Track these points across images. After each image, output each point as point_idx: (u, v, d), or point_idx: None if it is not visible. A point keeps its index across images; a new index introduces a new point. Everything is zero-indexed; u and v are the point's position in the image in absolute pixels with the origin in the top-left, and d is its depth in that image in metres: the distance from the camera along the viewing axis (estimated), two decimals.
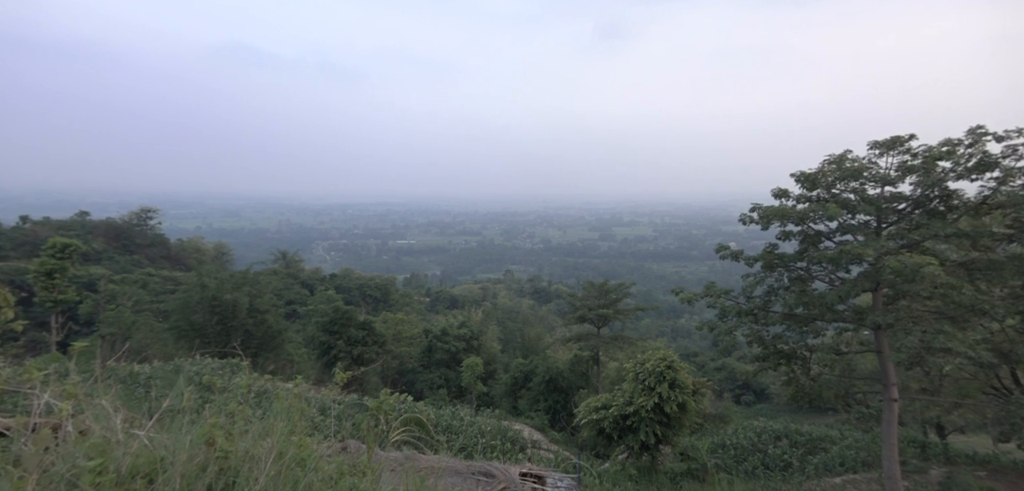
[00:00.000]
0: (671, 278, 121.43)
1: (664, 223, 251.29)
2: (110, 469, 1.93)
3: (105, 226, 57.56)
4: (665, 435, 12.58)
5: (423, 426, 5.89)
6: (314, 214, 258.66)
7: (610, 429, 12.60)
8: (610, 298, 26.66)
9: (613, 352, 26.10)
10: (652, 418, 12.21)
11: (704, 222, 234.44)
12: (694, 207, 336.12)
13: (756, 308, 12.05)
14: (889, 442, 10.87)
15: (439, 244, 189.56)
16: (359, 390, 21.97)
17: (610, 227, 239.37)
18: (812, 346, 12.32)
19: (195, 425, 2.42)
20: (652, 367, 12.61)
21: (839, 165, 11.26)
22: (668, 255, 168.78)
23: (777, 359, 12.21)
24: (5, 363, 3.36)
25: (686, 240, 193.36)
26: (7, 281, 20.69)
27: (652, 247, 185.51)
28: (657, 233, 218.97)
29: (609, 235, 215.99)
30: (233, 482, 2.22)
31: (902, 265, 9.14)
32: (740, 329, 12.27)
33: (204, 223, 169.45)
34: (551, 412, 23.84)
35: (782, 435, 14.93)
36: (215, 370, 11.94)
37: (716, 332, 12.55)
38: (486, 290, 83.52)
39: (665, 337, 60.03)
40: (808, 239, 11.68)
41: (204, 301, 21.67)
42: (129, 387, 8.45)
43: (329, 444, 4.80)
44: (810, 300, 11.25)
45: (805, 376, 12.25)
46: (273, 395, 8.33)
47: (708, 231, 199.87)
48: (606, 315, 26.00)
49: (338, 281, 58.26)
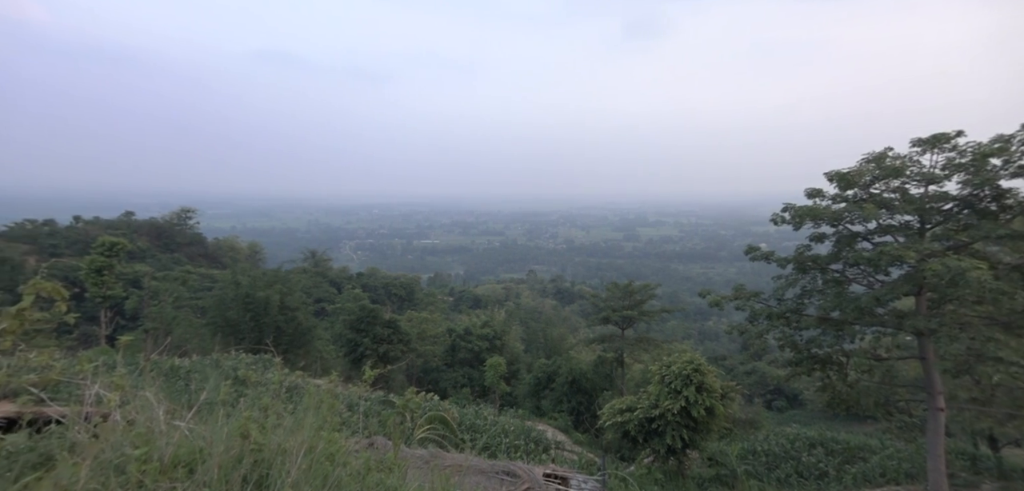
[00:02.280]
0: (698, 280, 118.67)
1: (690, 223, 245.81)
2: (154, 458, 2.03)
3: (148, 225, 60.62)
4: (692, 439, 12.31)
5: (447, 424, 5.96)
6: (342, 214, 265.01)
7: (635, 432, 12.42)
8: (634, 299, 26.26)
9: (638, 354, 25.71)
10: (678, 422, 11.97)
11: (732, 222, 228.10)
12: (722, 207, 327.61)
13: (788, 311, 11.65)
14: (935, 453, 10.31)
15: (462, 244, 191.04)
16: (385, 387, 22.39)
17: (634, 227, 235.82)
18: (848, 351, 11.81)
19: (231, 418, 2.51)
20: (678, 370, 12.36)
21: (878, 163, 10.76)
22: (694, 256, 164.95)
23: (811, 364, 11.77)
24: (61, 355, 3.59)
25: (714, 241, 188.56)
26: (62, 277, 22.05)
27: (678, 248, 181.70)
28: (683, 234, 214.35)
29: (633, 235, 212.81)
30: (266, 474, 2.29)
31: (947, 268, 8.65)
32: (771, 332, 11.89)
33: (239, 223, 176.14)
34: (574, 413, 23.68)
35: (817, 443, 14.36)
36: (249, 365, 12.39)
37: (746, 335, 12.22)
38: (509, 290, 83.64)
39: (691, 340, 58.72)
40: (843, 240, 11.21)
41: (238, 298, 22.55)
42: (170, 380, 8.88)
43: (357, 440, 4.91)
44: (846, 303, 10.79)
45: (841, 382, 11.76)
46: (303, 391, 8.59)
47: (736, 232, 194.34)
48: (630, 316, 25.62)
49: (364, 280, 59.53)
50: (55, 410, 2.59)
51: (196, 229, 66.09)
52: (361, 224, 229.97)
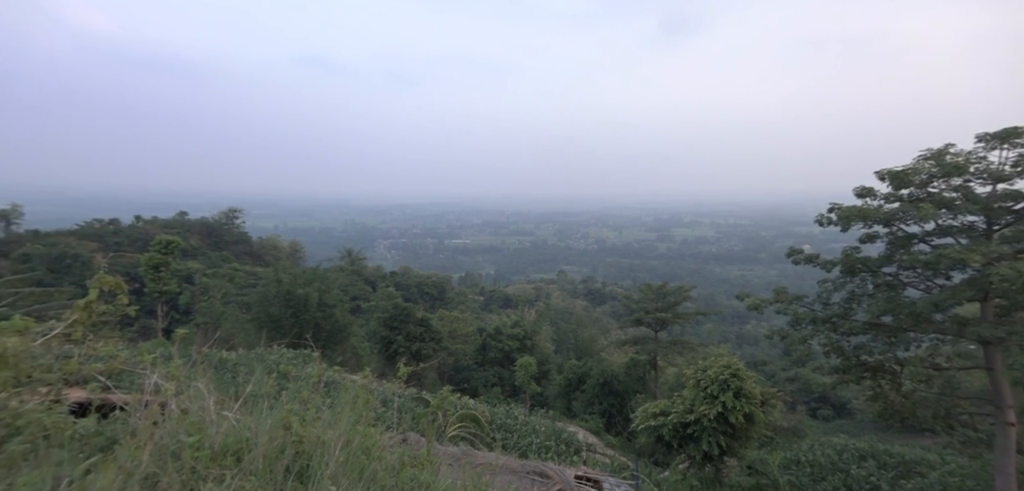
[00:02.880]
0: (735, 282, 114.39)
1: (728, 224, 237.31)
2: (206, 446, 2.14)
3: (199, 225, 64.41)
4: (730, 447, 11.88)
5: (479, 423, 6.01)
6: (376, 214, 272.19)
7: (669, 437, 12.11)
8: (668, 301, 25.62)
9: (672, 357, 25.08)
10: (715, 428, 11.58)
11: (773, 223, 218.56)
12: (762, 207, 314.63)
13: (834, 316, 11.03)
14: (1004, 472, 9.50)
15: (493, 244, 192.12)
16: (417, 385, 22.83)
17: (668, 228, 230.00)
18: (903, 359, 11.06)
19: (274, 410, 2.60)
20: (715, 374, 11.95)
21: (938, 160, 10.01)
22: (732, 258, 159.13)
23: (860, 372, 11.10)
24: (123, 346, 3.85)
25: (753, 242, 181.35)
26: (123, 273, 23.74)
27: (714, 249, 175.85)
28: (720, 234, 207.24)
29: (667, 236, 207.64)
30: (307, 465, 2.36)
31: (1019, 273, 7.95)
32: (816, 338, 11.30)
33: (280, 222, 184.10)
34: (606, 415, 23.35)
35: (868, 455, 13.49)
36: (290, 359, 12.92)
37: (788, 340, 11.67)
38: (539, 290, 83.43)
39: (728, 344, 56.68)
40: (897, 242, 10.50)
41: (280, 295, 23.56)
42: (219, 372, 9.39)
43: (391, 435, 5.03)
44: (900, 308, 10.10)
45: (895, 392, 11.02)
46: (340, 386, 8.87)
47: (778, 233, 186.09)
48: (664, 319, 25.01)
49: (397, 279, 60.92)
50: (119, 397, 2.78)
51: (242, 228, 69.66)
52: (395, 224, 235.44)
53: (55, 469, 1.79)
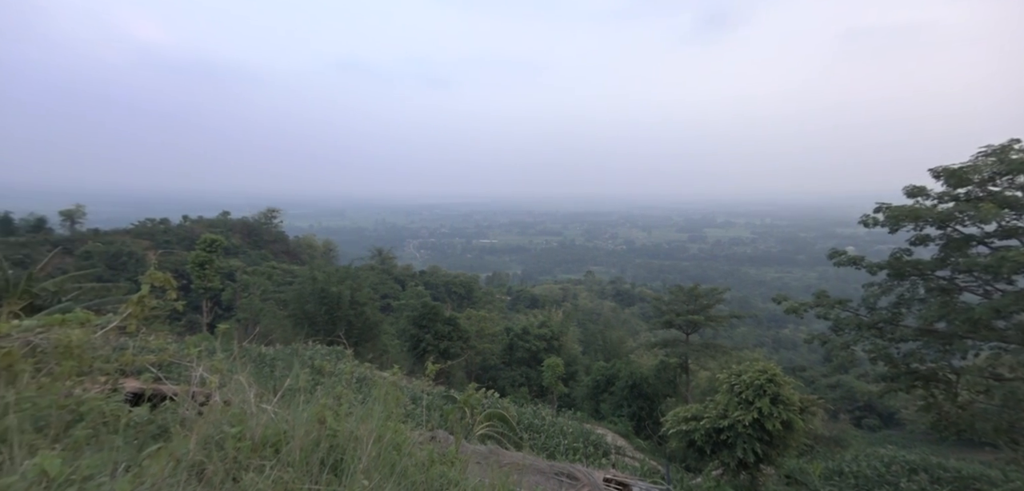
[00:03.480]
0: (772, 285, 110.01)
1: (764, 225, 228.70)
2: (247, 436, 2.24)
3: (240, 224, 67.45)
4: (767, 454, 11.41)
5: (507, 422, 6.02)
6: (406, 214, 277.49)
7: (702, 442, 11.76)
8: (700, 303, 24.93)
9: (704, 361, 24.40)
10: (751, 434, 11.16)
11: (813, 224, 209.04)
12: (801, 208, 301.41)
13: (882, 321, 10.46)
14: None
15: (520, 244, 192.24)
16: (445, 383, 23.12)
17: (701, 228, 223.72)
18: (959, 368, 10.35)
19: (309, 404, 2.69)
20: (750, 379, 11.52)
21: (1000, 157, 9.33)
22: (769, 259, 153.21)
23: (911, 380, 10.47)
24: (172, 339, 4.07)
25: (791, 243, 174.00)
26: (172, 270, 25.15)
27: (750, 250, 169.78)
28: (756, 235, 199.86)
29: (699, 237, 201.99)
30: (340, 458, 2.43)
31: None
32: (860, 344, 10.74)
33: (315, 222, 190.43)
34: (635, 419, 22.97)
35: (919, 468, 12.66)
36: (324, 356, 13.33)
37: (829, 346, 11.14)
38: (566, 290, 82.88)
39: (764, 348, 54.63)
40: (953, 244, 9.85)
41: (314, 293, 24.36)
42: (258, 366, 9.81)
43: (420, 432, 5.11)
44: (955, 314, 9.47)
45: (950, 402, 10.34)
46: (371, 382, 9.09)
47: (818, 234, 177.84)
48: (696, 321, 24.36)
49: (426, 278, 61.88)
50: (169, 388, 2.95)
51: (280, 227, 72.51)
52: (424, 223, 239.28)
53: (114, 454, 1.92)
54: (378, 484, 2.34)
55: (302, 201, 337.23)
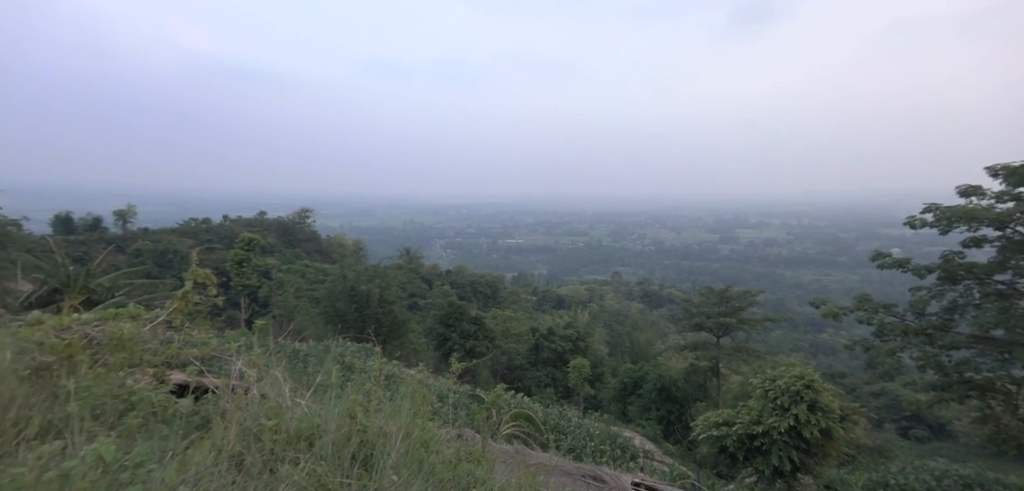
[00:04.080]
0: (809, 287, 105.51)
1: (801, 225, 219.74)
2: (282, 429, 2.32)
3: (276, 224, 70.08)
4: (804, 463, 10.96)
5: (533, 423, 6.01)
6: (433, 213, 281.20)
7: (734, 448, 11.40)
8: (732, 306, 24.20)
9: (736, 365, 23.68)
10: (786, 442, 10.73)
11: (854, 225, 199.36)
12: (841, 207, 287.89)
13: (931, 327, 9.86)
14: None
15: (546, 244, 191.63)
16: (471, 382, 23.31)
17: (733, 229, 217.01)
18: (1020, 379, 9.63)
19: (340, 400, 2.76)
20: (786, 385, 11.09)
21: None
22: (806, 261, 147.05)
23: (964, 390, 9.83)
24: (213, 334, 4.27)
25: (831, 245, 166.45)
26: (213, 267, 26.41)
27: (785, 252, 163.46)
28: (791, 236, 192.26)
29: (731, 237, 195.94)
30: (370, 454, 2.48)
31: None
32: (907, 351, 10.16)
33: (346, 222, 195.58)
34: (664, 422, 22.52)
35: (974, 483, 11.84)
36: (354, 352, 13.69)
37: (872, 352, 10.60)
38: (592, 291, 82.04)
39: (801, 353, 52.48)
40: (1012, 246, 9.18)
41: (345, 291, 25.04)
42: (292, 362, 10.16)
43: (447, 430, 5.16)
44: (1015, 321, 8.82)
45: (1010, 414, 9.64)
46: (399, 379, 9.25)
47: (860, 235, 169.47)
48: (728, 324, 23.66)
49: (453, 277, 62.55)
50: (211, 381, 3.09)
51: (312, 227, 74.90)
52: (450, 223, 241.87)
53: (162, 442, 2.03)
54: (407, 480, 2.38)
55: (334, 201, 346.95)
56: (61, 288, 9.51)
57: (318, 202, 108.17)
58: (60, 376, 2.28)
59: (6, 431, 1.81)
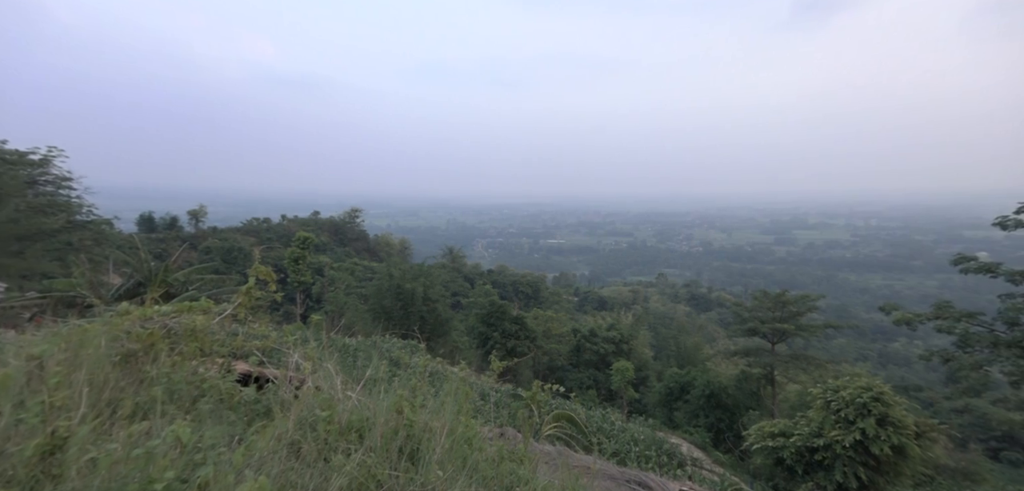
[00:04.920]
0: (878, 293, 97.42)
1: (868, 226, 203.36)
2: (335, 420, 2.43)
3: (328, 223, 73.74)
4: (872, 481, 10.15)
5: (575, 424, 5.94)
6: (475, 213, 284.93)
7: (792, 461, 10.75)
8: (789, 311, 22.82)
9: (793, 373, 22.32)
10: (852, 457, 9.98)
11: (931, 226, 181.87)
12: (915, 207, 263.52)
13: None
14: None
15: (588, 244, 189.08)
16: (512, 381, 23.42)
17: (790, 230, 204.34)
18: None
19: (387, 394, 2.85)
20: (850, 396, 10.33)
21: None
22: (874, 264, 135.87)
23: None
24: (272, 327, 4.54)
25: (903, 247, 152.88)
26: (272, 264, 28.22)
27: (849, 254, 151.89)
28: (857, 238, 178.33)
29: (788, 239, 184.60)
30: (417, 448, 2.55)
31: None
32: (997, 364, 9.14)
33: (392, 222, 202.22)
34: (713, 430, 21.62)
35: None
36: (399, 349, 14.12)
37: (954, 364, 9.64)
38: (636, 293, 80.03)
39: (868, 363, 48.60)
40: None
41: (391, 288, 25.92)
42: (343, 356, 10.65)
43: (490, 428, 5.21)
44: None
45: None
46: (443, 376, 9.45)
47: (938, 237, 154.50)
48: (784, 330, 22.33)
49: (494, 277, 63.11)
50: (271, 372, 3.30)
51: (361, 226, 78.15)
52: (492, 223, 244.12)
53: (229, 428, 2.19)
54: (451, 476, 2.42)
55: (381, 201, 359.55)
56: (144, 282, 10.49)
57: (366, 202, 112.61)
58: (144, 362, 2.51)
59: (102, 411, 2.03)
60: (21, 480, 1.53)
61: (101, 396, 2.10)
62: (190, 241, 53.03)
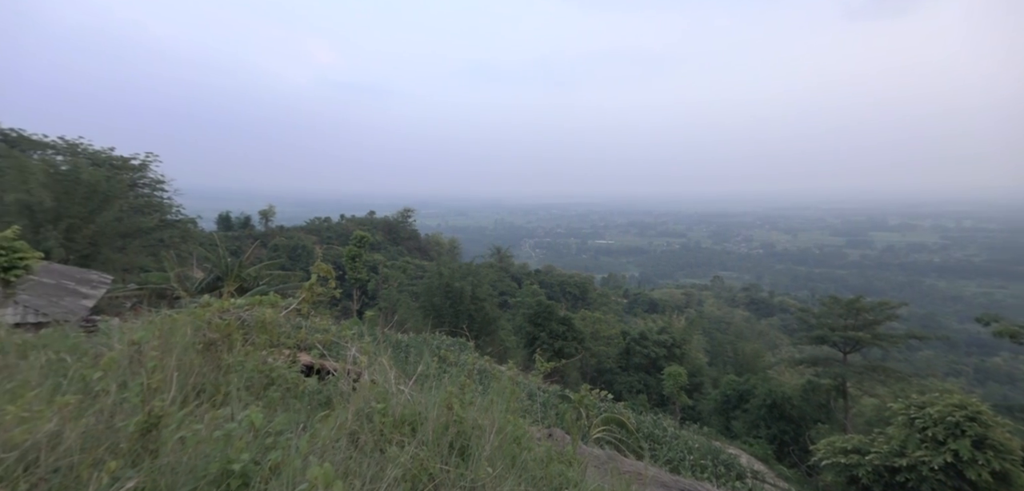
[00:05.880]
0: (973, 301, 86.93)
1: (961, 228, 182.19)
2: (389, 413, 2.53)
3: (383, 222, 76.98)
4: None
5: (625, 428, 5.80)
6: (523, 213, 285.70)
7: (868, 480, 9.86)
8: (864, 319, 20.97)
9: (869, 386, 20.52)
10: (941, 481, 8.98)
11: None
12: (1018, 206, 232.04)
13: None
14: None
15: (638, 245, 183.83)
16: (560, 382, 23.24)
17: (865, 231, 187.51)
18: None
19: (437, 390, 2.92)
20: (940, 414, 9.29)
21: None
22: (968, 270, 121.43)
23: None
24: (332, 322, 4.81)
25: (1006, 251, 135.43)
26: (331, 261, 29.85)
27: (938, 258, 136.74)
28: (947, 240, 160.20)
29: (863, 241, 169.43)
30: (466, 444, 2.59)
31: None
32: None
33: (442, 221, 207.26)
34: (776, 442, 20.31)
35: None
36: (448, 346, 14.46)
37: None
38: (690, 296, 76.76)
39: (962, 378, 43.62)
40: None
41: (441, 287, 26.58)
42: (396, 351, 11.07)
43: (538, 428, 5.20)
44: None
45: None
46: (490, 375, 9.56)
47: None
48: (858, 339, 20.55)
49: (541, 277, 62.94)
50: (331, 364, 3.49)
51: (413, 226, 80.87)
52: (540, 223, 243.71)
53: (296, 415, 2.34)
54: (501, 474, 2.44)
55: (431, 201, 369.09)
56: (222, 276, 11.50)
57: (418, 202, 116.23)
58: (222, 351, 2.75)
59: (189, 394, 2.25)
60: (125, 452, 1.73)
61: (188, 380, 2.32)
62: (261, 239, 57.41)
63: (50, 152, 29.90)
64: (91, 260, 17.29)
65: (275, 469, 1.71)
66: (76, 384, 2.21)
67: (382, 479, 1.99)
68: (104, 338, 3.28)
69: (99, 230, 18.30)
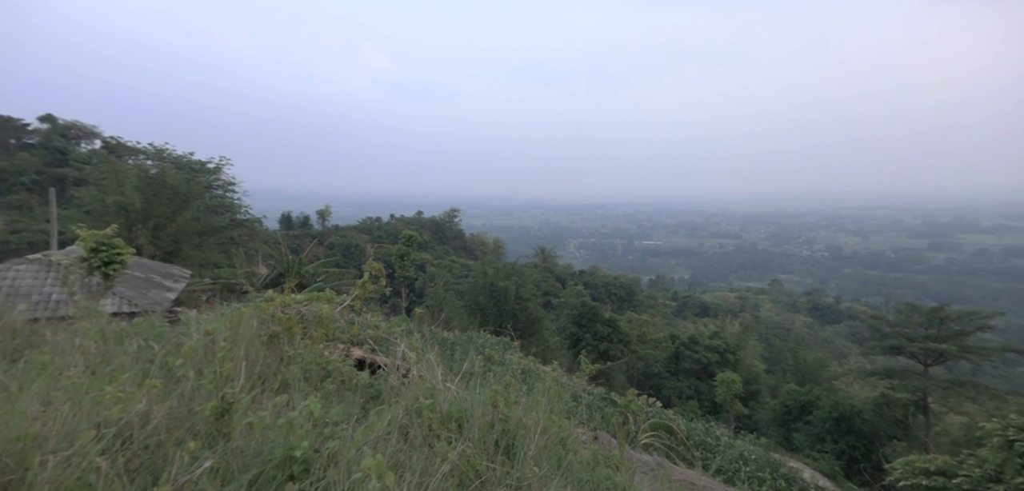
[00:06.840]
0: None
1: None
2: (437, 409, 2.58)
3: (430, 222, 79.10)
4: None
5: (674, 435, 5.59)
6: (568, 214, 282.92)
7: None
8: (949, 329, 18.99)
9: (956, 402, 18.58)
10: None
11: None
12: None
13: None
14: None
15: (689, 246, 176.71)
16: (606, 385, 22.82)
17: (951, 233, 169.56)
18: None
19: (483, 388, 2.94)
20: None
21: None
22: None
23: None
24: (382, 319, 5.00)
25: None
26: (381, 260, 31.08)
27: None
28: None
29: (948, 244, 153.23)
30: (512, 443, 2.59)
31: None
32: None
33: (487, 221, 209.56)
34: (845, 458, 18.84)
35: None
36: (493, 345, 14.61)
37: None
38: (745, 300, 72.78)
39: None
40: None
41: (485, 286, 26.90)
42: (442, 349, 11.34)
43: (583, 431, 5.13)
44: None
45: None
46: (535, 375, 9.55)
47: None
48: (942, 350, 18.65)
49: (586, 278, 62.07)
50: (382, 359, 3.63)
51: (459, 226, 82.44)
52: (585, 223, 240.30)
53: (350, 407, 2.45)
54: (547, 474, 2.42)
55: (477, 201, 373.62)
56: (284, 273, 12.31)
57: (464, 202, 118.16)
58: (283, 343, 2.93)
59: (255, 382, 2.42)
60: (202, 434, 1.89)
61: (254, 370, 2.50)
62: (318, 238, 60.80)
63: (141, 157, 33.41)
64: (173, 256, 19.11)
65: (332, 458, 1.80)
66: (161, 369, 2.45)
67: (432, 473, 2.04)
68: (184, 328, 3.60)
69: (180, 228, 20.17)
